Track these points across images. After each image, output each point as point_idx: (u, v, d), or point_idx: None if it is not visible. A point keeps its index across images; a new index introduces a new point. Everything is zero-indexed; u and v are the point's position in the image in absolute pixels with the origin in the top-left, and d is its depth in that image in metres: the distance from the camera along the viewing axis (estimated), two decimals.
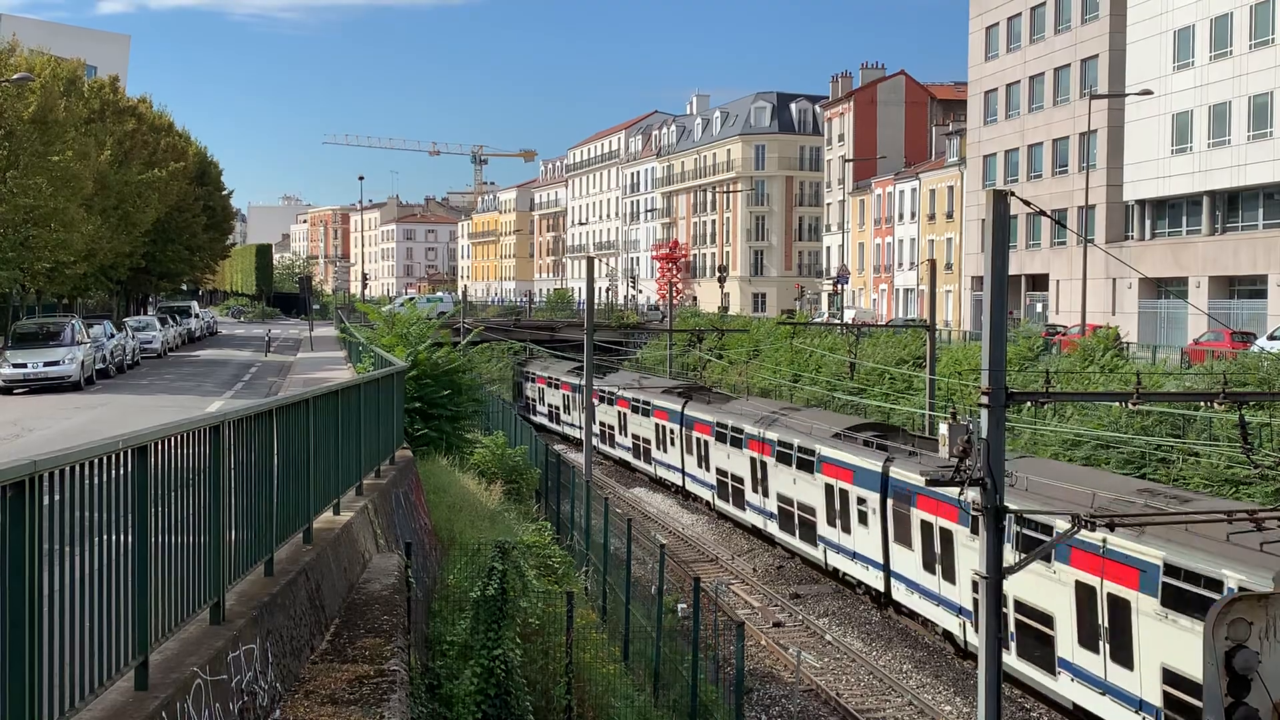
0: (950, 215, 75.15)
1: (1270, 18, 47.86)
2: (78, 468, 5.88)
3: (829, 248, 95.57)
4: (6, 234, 38.73)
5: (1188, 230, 54.23)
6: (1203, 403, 27.70)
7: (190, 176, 65.13)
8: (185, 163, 63.52)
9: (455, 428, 25.10)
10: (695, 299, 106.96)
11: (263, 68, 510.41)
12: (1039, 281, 64.78)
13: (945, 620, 25.51)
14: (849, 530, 29.87)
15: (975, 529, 20.64)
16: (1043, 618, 21.16)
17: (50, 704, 5.50)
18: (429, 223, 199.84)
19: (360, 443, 14.28)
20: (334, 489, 12.59)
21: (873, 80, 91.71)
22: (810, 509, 32.19)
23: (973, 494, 15.66)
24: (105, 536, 6.22)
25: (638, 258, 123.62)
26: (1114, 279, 55.89)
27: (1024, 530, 20.63)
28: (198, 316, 66.85)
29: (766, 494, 35.89)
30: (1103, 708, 19.68)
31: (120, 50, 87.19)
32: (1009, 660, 21.39)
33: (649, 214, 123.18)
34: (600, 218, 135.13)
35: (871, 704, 24.22)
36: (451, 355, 25.31)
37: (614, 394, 51.35)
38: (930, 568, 25.71)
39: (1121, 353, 40.07)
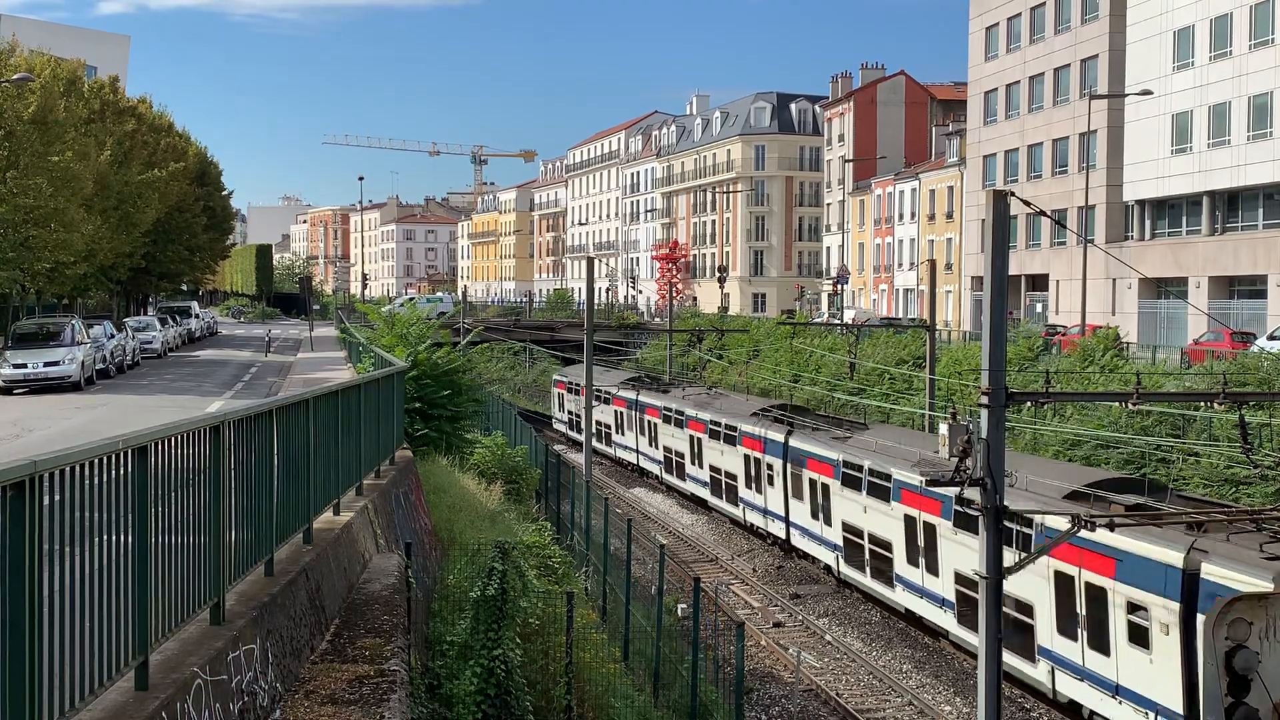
0: (950, 215, 75.15)
1: (1270, 18, 47.87)
2: (78, 468, 5.88)
3: (829, 248, 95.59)
4: (7, 234, 38.73)
5: (1187, 230, 54.24)
6: (1203, 403, 27.73)
7: (190, 177, 65.13)
8: (185, 163, 63.53)
9: (455, 428, 25.10)
10: (695, 299, 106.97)
11: (262, 68, 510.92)
12: (1039, 282, 64.79)
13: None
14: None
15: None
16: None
17: (50, 704, 5.50)
18: (429, 223, 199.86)
19: (360, 443, 14.28)
20: (334, 489, 12.59)
21: (873, 80, 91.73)
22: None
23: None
24: (105, 537, 6.22)
25: (638, 258, 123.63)
26: (1114, 279, 55.90)
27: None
28: (198, 317, 66.86)
29: (924, 568, 27.09)
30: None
31: (120, 50, 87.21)
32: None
33: (649, 214, 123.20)
34: (600, 218, 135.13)
35: (871, 704, 24.22)
36: (451, 355, 25.31)
37: (683, 414, 43.55)
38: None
39: (1121, 353, 40.08)
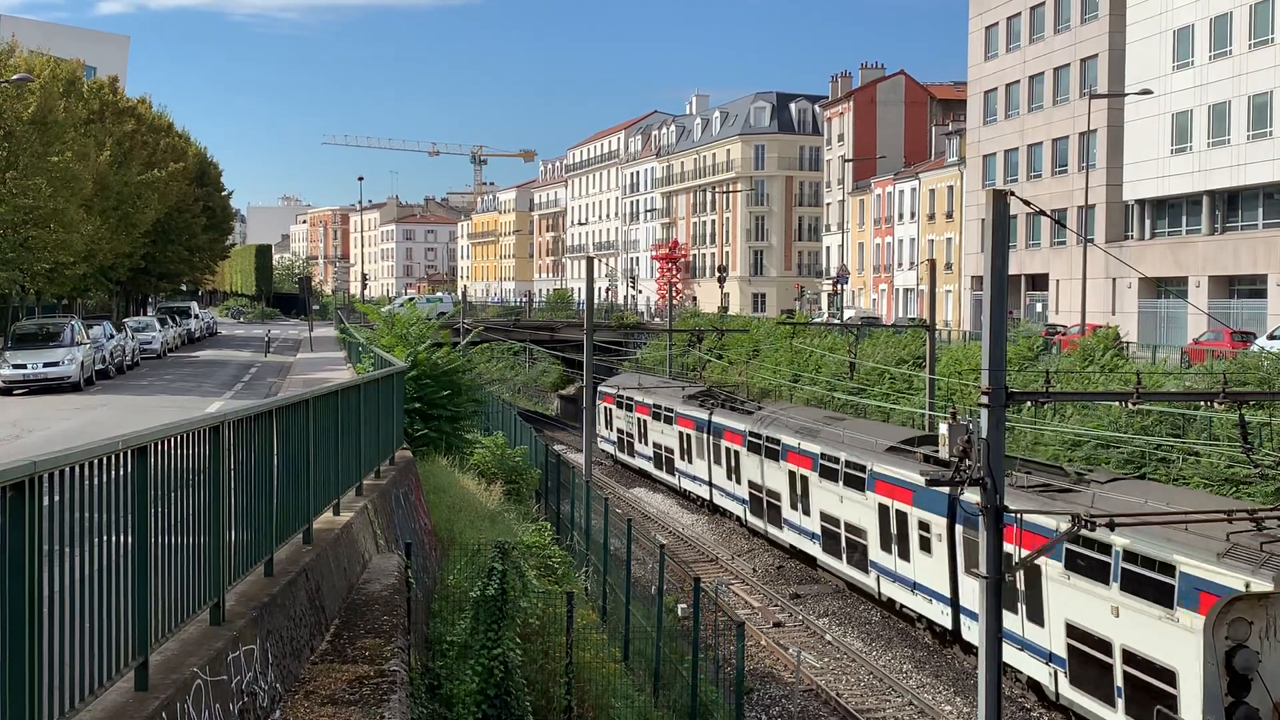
0: (950, 215, 75.15)
1: (1270, 17, 47.86)
2: (78, 468, 5.87)
3: (829, 248, 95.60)
4: (6, 235, 38.73)
5: (1187, 230, 54.24)
6: (1203, 402, 27.70)
7: (190, 177, 65.13)
8: (185, 163, 63.54)
9: (455, 428, 25.08)
10: (695, 299, 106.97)
11: (262, 68, 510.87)
12: (1039, 281, 64.79)
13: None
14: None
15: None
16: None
17: (50, 704, 5.49)
18: (428, 223, 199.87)
19: (360, 443, 14.28)
20: (334, 489, 12.59)
21: (872, 80, 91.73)
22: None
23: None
24: (105, 537, 6.21)
25: (637, 258, 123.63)
26: (1114, 279, 55.90)
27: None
28: (197, 317, 66.84)
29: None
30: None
31: (120, 51, 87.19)
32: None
33: (648, 214, 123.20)
34: (600, 218, 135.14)
35: (871, 704, 24.23)
36: (451, 356, 25.29)
37: (779, 444, 34.97)
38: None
39: (1121, 352, 40.06)
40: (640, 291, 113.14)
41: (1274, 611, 17.25)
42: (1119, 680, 19.41)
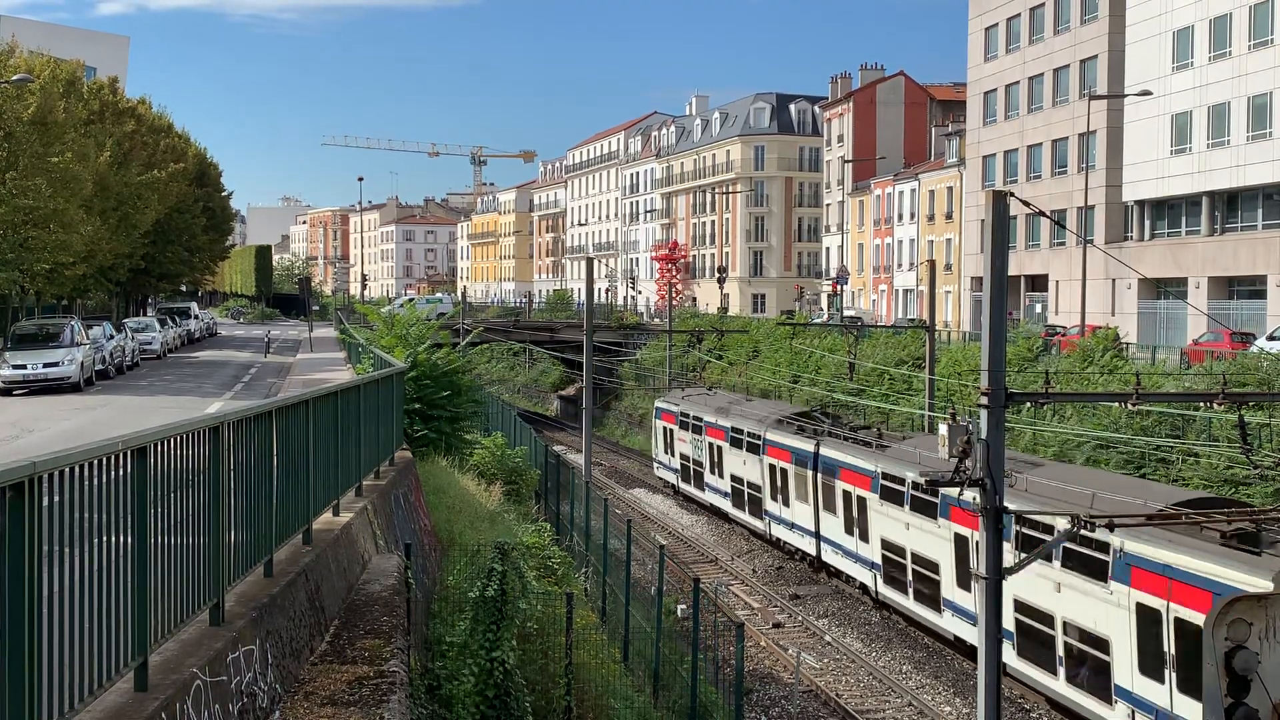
0: (950, 216, 75.15)
1: (1269, 18, 47.87)
2: (77, 469, 5.87)
3: (828, 248, 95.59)
4: (6, 235, 38.73)
5: (1187, 231, 54.24)
6: (1202, 403, 27.72)
7: (189, 177, 65.14)
8: (184, 164, 63.56)
9: (455, 429, 25.07)
10: (695, 300, 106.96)
11: (262, 69, 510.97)
12: (1038, 282, 64.79)
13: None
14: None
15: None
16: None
17: (50, 705, 5.49)
18: (428, 224, 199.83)
19: (360, 444, 14.27)
20: (333, 490, 12.59)
21: (872, 81, 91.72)
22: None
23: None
24: (105, 537, 6.21)
25: (637, 258, 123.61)
26: (1113, 279, 55.90)
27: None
28: (197, 318, 66.86)
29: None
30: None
31: (119, 51, 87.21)
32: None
33: (648, 215, 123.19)
34: (599, 219, 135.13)
35: (871, 705, 24.23)
36: (451, 356, 25.29)
37: (932, 498, 26.00)
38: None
39: (1121, 353, 40.07)
40: (640, 292, 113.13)
41: (1273, 612, 17.25)
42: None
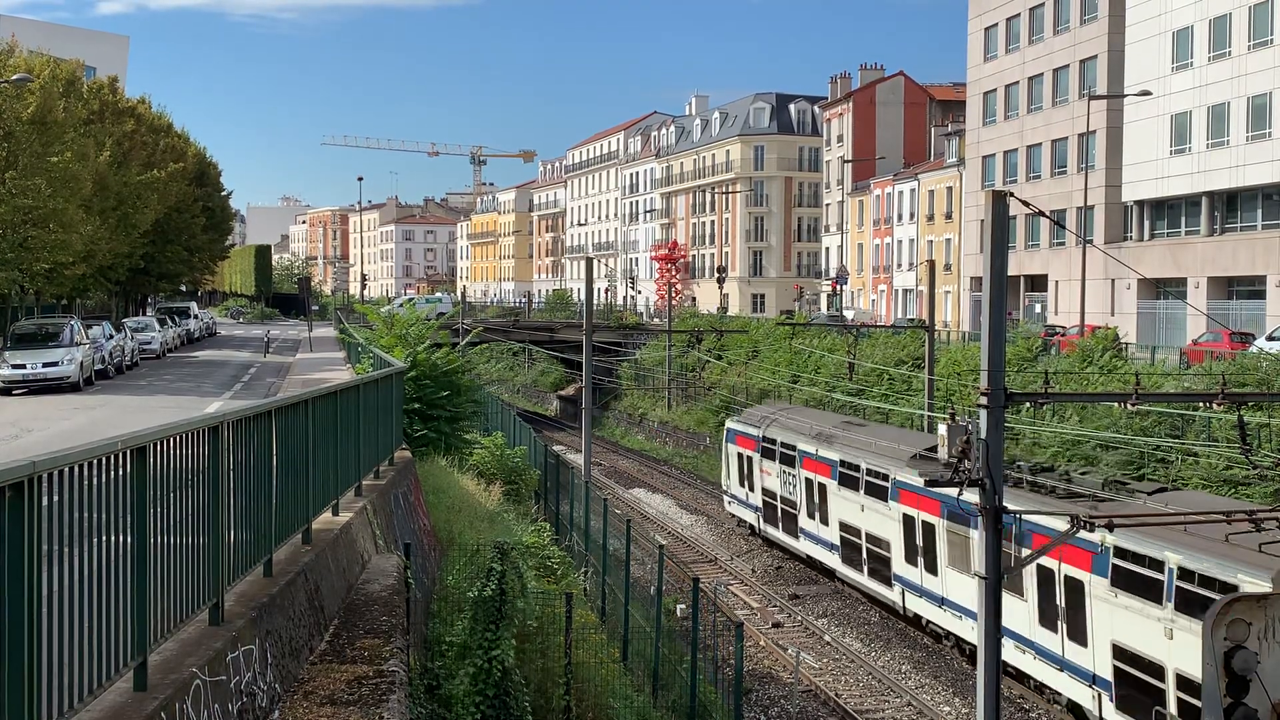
0: (949, 216, 75.16)
1: (1269, 18, 47.88)
2: (77, 468, 5.87)
3: (828, 248, 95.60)
4: (5, 235, 38.71)
5: (1186, 231, 54.25)
6: (1201, 403, 27.73)
7: (189, 177, 65.10)
8: (184, 163, 63.51)
9: (454, 428, 25.08)
10: (694, 299, 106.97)
11: (262, 68, 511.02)
12: (1038, 282, 64.79)
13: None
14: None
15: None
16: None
17: (49, 704, 5.50)
18: (428, 223, 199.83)
19: (359, 444, 14.28)
20: (333, 490, 12.59)
21: (872, 81, 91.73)
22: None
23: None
24: (104, 537, 6.21)
25: (637, 258, 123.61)
26: (1113, 280, 55.90)
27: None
28: (197, 317, 66.81)
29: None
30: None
31: (119, 51, 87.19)
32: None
33: (648, 215, 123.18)
34: (599, 218, 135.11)
35: (870, 704, 24.23)
36: (450, 356, 25.30)
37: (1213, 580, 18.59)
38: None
39: (1120, 353, 40.06)
40: (639, 292, 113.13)
41: (1272, 612, 17.25)
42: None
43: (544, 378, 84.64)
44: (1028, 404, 31.39)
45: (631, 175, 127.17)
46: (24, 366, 32.22)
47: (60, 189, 38.93)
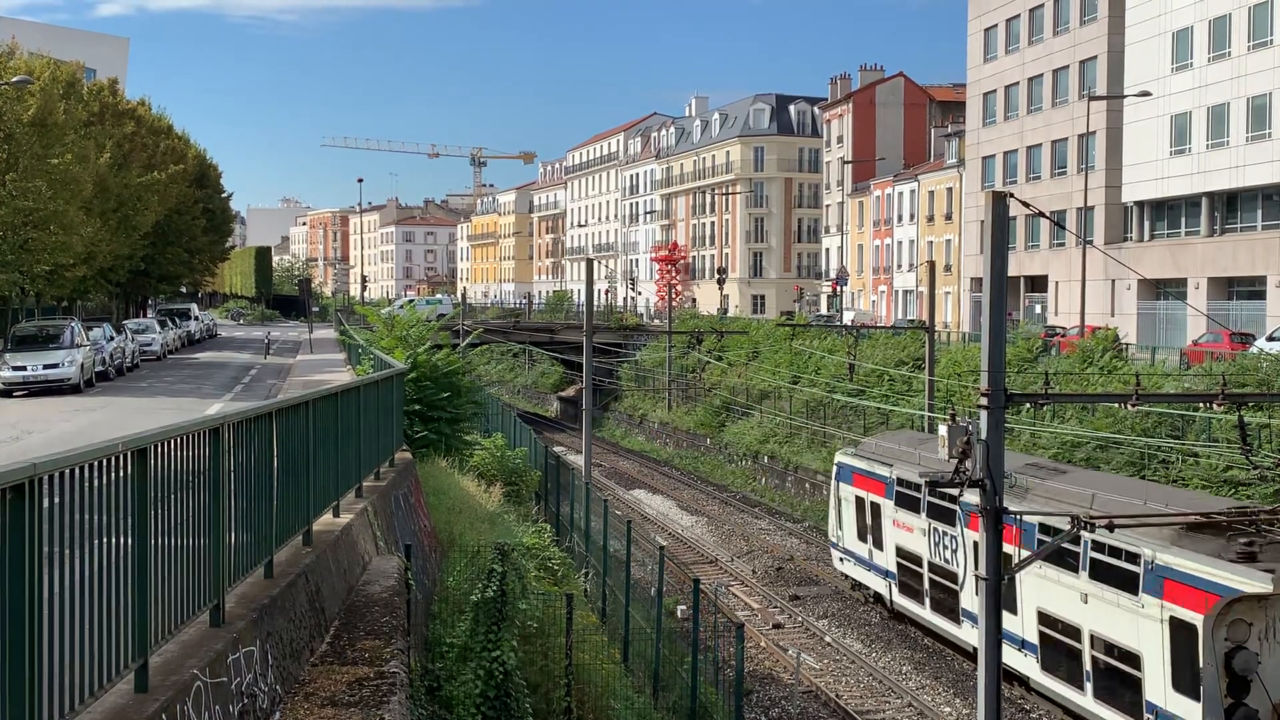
0: (949, 217, 75.17)
1: (1269, 19, 47.88)
2: (77, 470, 5.87)
3: (828, 249, 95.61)
4: (6, 237, 38.71)
5: (1186, 231, 54.25)
6: (1202, 404, 27.72)
7: (189, 179, 65.11)
8: (184, 165, 63.52)
9: (455, 430, 25.09)
10: (694, 301, 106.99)
11: (262, 70, 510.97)
12: (1038, 283, 64.80)
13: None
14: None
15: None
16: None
17: (50, 706, 5.50)
18: (428, 225, 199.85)
19: (360, 445, 14.28)
20: (333, 491, 12.59)
21: (871, 82, 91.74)
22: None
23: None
24: (105, 539, 6.21)
25: (637, 260, 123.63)
26: (1113, 280, 55.91)
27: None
28: (197, 319, 66.77)
29: None
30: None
31: (119, 53, 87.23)
32: None
33: (648, 216, 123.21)
34: (599, 220, 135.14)
35: (871, 705, 24.22)
36: (451, 357, 25.31)
37: None
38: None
39: (1120, 354, 40.06)
40: (640, 293, 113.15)
41: (1273, 613, 17.25)
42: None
43: (544, 379, 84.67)
44: (1028, 405, 31.41)
45: (631, 176, 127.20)
46: (24, 368, 32.20)
47: (61, 191, 38.92)
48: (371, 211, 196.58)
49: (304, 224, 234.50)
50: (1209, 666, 17.18)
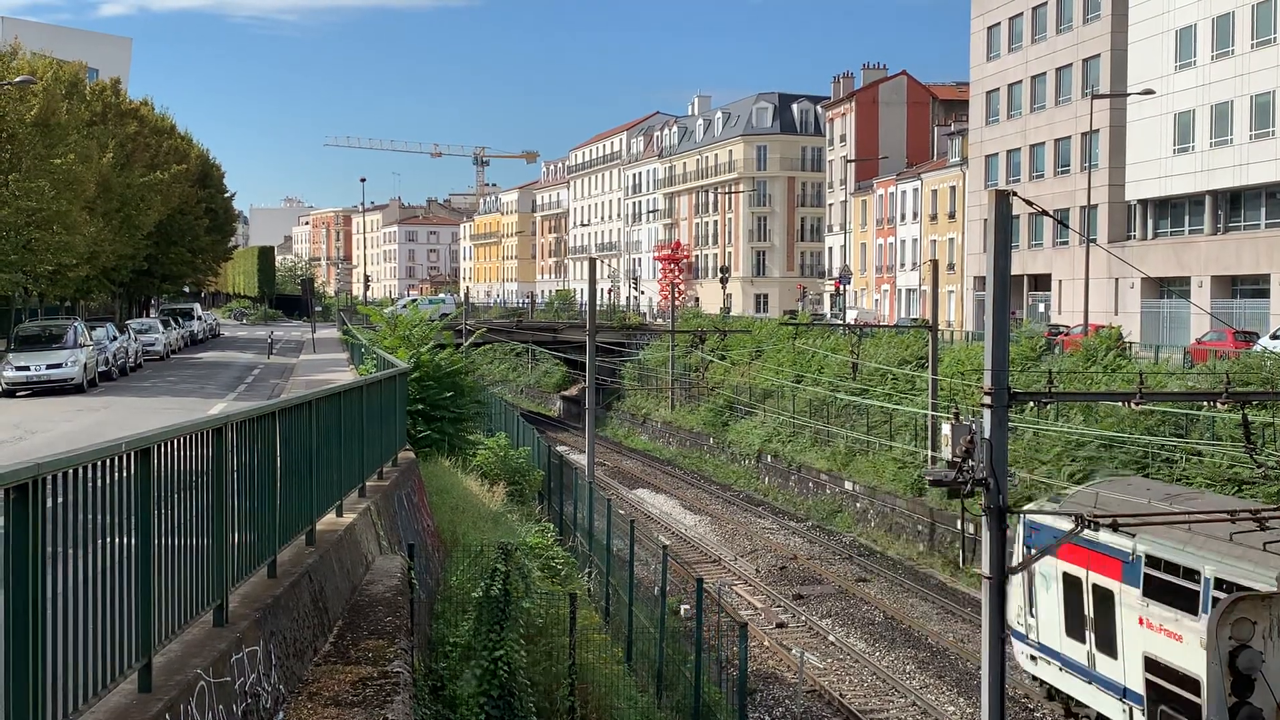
0: (952, 215, 75.11)
1: (1272, 17, 47.82)
2: (81, 470, 5.87)
3: (831, 248, 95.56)
4: (9, 237, 38.74)
5: (1190, 230, 54.19)
6: (1206, 402, 27.66)
7: (192, 179, 65.18)
8: (187, 165, 63.59)
9: (458, 429, 25.10)
10: (697, 300, 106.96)
11: (264, 70, 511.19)
12: (1041, 281, 64.75)
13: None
14: None
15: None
16: None
17: (54, 706, 5.50)
18: (431, 224, 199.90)
19: (363, 445, 14.28)
20: (337, 491, 12.59)
21: (874, 80, 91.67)
22: None
23: None
24: (109, 539, 6.21)
25: (640, 259, 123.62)
26: (1116, 279, 55.85)
27: None
28: (200, 319, 66.81)
29: None
30: None
31: (122, 53, 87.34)
32: None
33: (651, 215, 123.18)
34: (602, 219, 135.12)
35: (875, 704, 24.21)
36: (454, 357, 25.32)
37: None
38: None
39: (1124, 352, 40.02)
40: (643, 292, 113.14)
41: (1277, 612, 17.21)
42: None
43: (547, 378, 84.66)
44: (1031, 403, 31.28)
45: (634, 175, 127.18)
46: (28, 368, 32.23)
47: (64, 191, 38.97)
48: (374, 211, 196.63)
49: (307, 224, 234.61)
50: (1214, 665, 17.14)
